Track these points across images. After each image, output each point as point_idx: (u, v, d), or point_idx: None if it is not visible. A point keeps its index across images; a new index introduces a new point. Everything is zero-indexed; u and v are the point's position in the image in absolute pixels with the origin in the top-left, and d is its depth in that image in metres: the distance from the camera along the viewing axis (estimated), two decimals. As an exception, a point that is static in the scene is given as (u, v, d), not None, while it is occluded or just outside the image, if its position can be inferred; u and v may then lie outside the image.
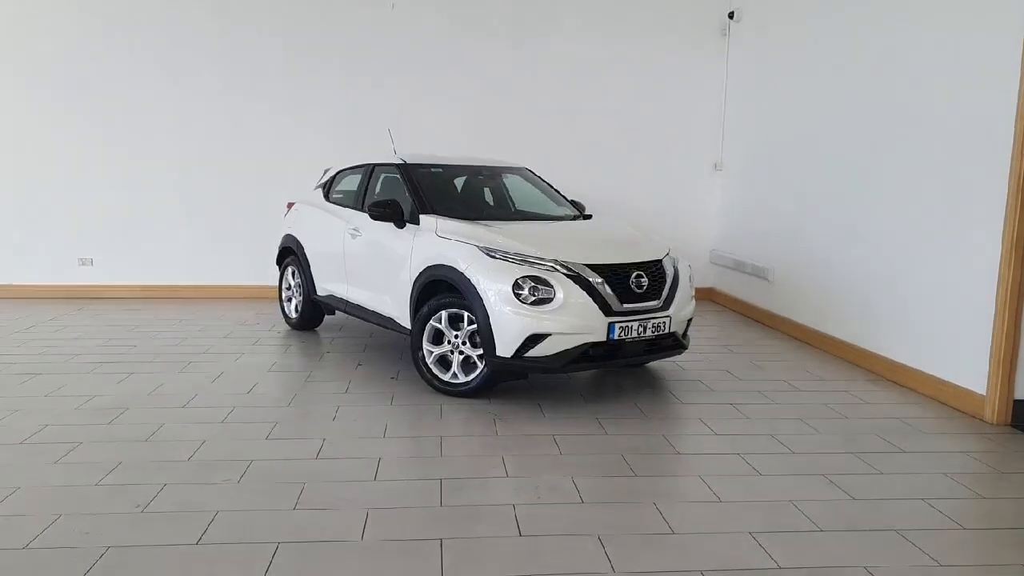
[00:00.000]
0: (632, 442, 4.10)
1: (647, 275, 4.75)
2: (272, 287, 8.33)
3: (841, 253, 6.18)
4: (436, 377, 4.90)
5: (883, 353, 5.59)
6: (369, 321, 5.74)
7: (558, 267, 4.52)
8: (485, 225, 5.01)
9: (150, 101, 8.19)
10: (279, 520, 3.10)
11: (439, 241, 4.94)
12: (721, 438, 4.19)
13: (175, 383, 5.06)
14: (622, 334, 4.55)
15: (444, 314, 4.83)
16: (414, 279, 5.06)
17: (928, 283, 5.11)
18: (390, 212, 5.30)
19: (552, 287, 4.45)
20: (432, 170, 5.78)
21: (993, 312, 4.55)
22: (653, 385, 5.22)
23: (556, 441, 4.08)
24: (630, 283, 4.65)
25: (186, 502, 3.25)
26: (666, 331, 4.80)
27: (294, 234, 6.73)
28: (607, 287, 4.55)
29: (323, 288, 6.35)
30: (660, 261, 4.92)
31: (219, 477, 3.52)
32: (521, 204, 5.96)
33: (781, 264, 7.27)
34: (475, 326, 4.67)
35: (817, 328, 6.54)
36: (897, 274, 5.43)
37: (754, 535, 3.05)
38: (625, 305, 4.59)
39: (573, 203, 6.11)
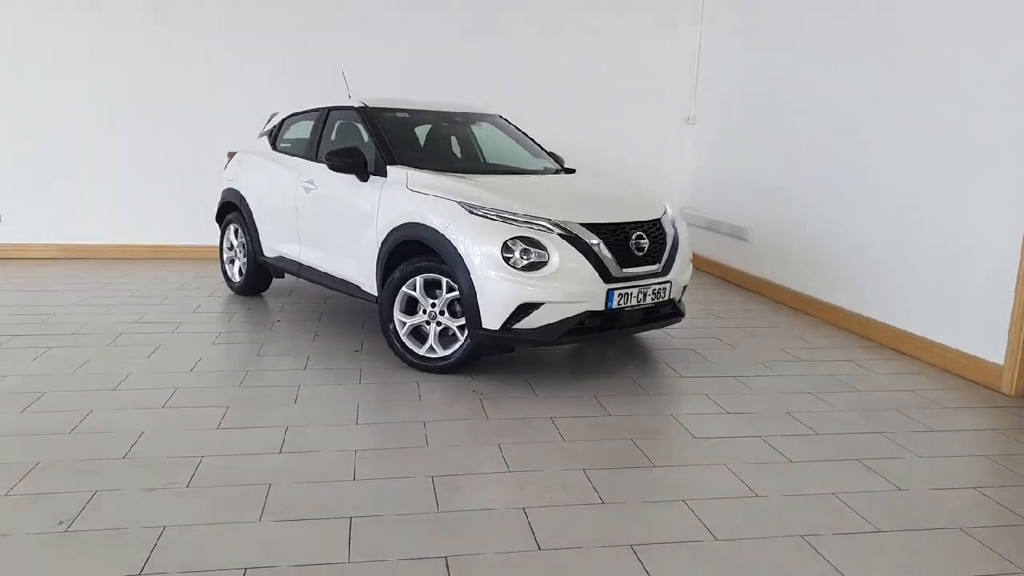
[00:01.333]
0: (640, 424, 3.63)
1: (647, 236, 4.25)
2: (211, 247, 7.57)
3: (833, 212, 5.80)
4: (410, 351, 4.33)
5: (881, 319, 5.26)
6: (326, 286, 5.11)
7: (552, 227, 3.97)
8: (463, 178, 4.42)
9: (65, 29, 7.22)
10: (243, 537, 2.52)
11: (411, 196, 4.33)
12: (735, 418, 3.77)
13: (103, 360, 4.36)
14: (621, 302, 4.06)
15: (419, 280, 4.25)
16: (382, 240, 4.45)
17: (937, 244, 4.77)
18: (352, 162, 4.64)
19: (546, 250, 3.91)
20: (397, 115, 5.12)
21: (1016, 277, 4.22)
22: (643, 356, 4.77)
23: (556, 425, 3.58)
24: (630, 245, 4.15)
25: (123, 515, 2.63)
26: (666, 298, 4.33)
27: (237, 188, 6.00)
28: (605, 249, 4.03)
29: (271, 249, 5.67)
30: (659, 220, 4.43)
31: (163, 480, 2.90)
32: (496, 155, 5.37)
33: (761, 224, 6.88)
34: (455, 294, 4.11)
35: (803, 292, 6.19)
36: (901, 235, 5.08)
37: (808, 540, 2.62)
38: (625, 270, 4.09)
39: (551, 155, 5.56)
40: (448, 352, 4.23)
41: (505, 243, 3.90)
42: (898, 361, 4.85)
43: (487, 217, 3.99)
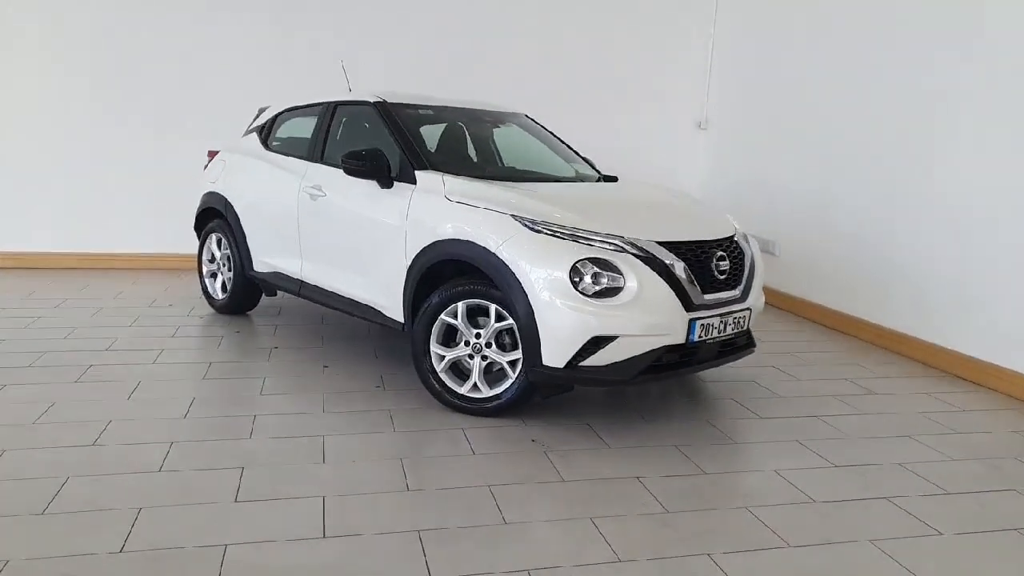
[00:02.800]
0: (745, 485, 3.04)
1: (728, 257, 3.67)
2: (182, 256, 6.78)
3: (885, 225, 5.31)
4: (449, 390, 3.66)
5: (944, 344, 4.78)
6: (335, 308, 4.40)
7: (626, 246, 3.35)
8: (512, 186, 3.78)
9: (10, 12, 6.34)
10: None
11: (451, 207, 3.66)
12: (848, 473, 3.20)
13: (72, 403, 3.58)
14: (702, 334, 3.46)
15: (460, 306, 3.58)
16: (412, 258, 3.78)
17: (1014, 259, 4.29)
18: (373, 166, 3.95)
19: (621, 273, 3.29)
20: (420, 112, 4.44)
21: None
22: (704, 390, 4.19)
23: (647, 488, 2.96)
24: (712, 267, 3.55)
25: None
26: (745, 327, 3.75)
27: (221, 192, 5.23)
28: (687, 273, 3.43)
29: (264, 263, 4.92)
30: (734, 238, 3.84)
31: (177, 586, 2.19)
32: (530, 160, 4.72)
33: (790, 237, 6.38)
34: (505, 323, 3.46)
35: (844, 311, 5.71)
36: (973, 250, 4.59)
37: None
38: (706, 296, 3.49)
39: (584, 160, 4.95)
40: (496, 392, 3.58)
41: (574, 265, 3.26)
42: (980, 394, 4.37)
43: (551, 234, 3.35)
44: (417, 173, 3.91)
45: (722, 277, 3.59)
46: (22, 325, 4.87)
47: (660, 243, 3.43)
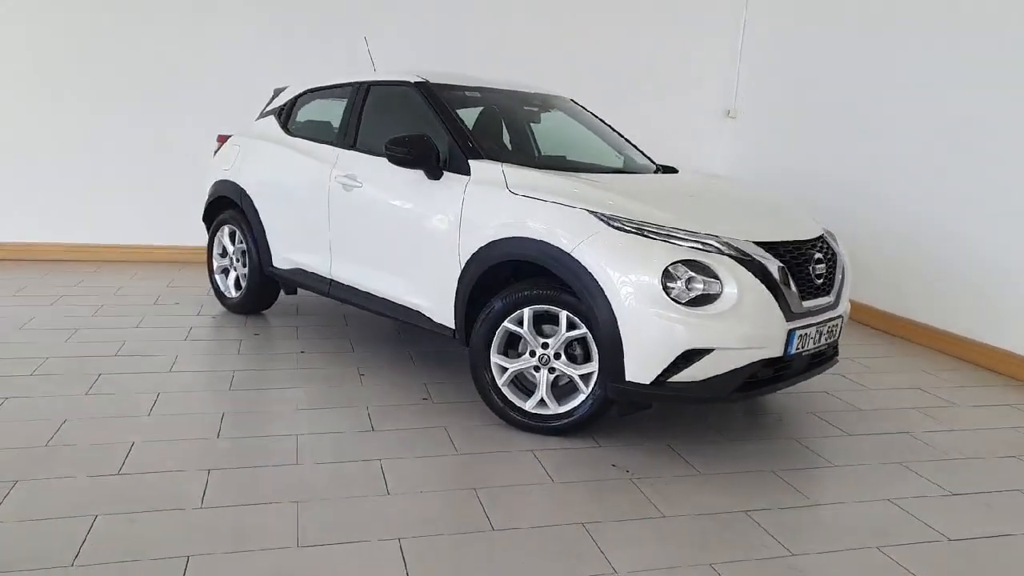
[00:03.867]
0: (864, 516, 2.70)
1: (825, 258, 3.32)
2: (182, 248, 6.35)
3: (940, 220, 5.00)
4: (512, 406, 3.28)
5: (1011, 348, 4.47)
6: (371, 311, 4.00)
7: (722, 247, 2.98)
8: (585, 178, 3.40)
9: (1, -16, 5.83)
10: None
11: (516, 202, 3.26)
12: (968, 502, 2.88)
13: (86, 422, 3.15)
14: (800, 346, 3.11)
15: (527, 312, 3.19)
16: (468, 258, 3.38)
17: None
18: (421, 154, 3.54)
19: (718, 278, 2.91)
20: (467, 94, 4.03)
21: None
22: (776, 401, 3.85)
23: (761, 525, 2.60)
24: (809, 270, 3.20)
25: None
26: (836, 337, 3.41)
27: (235, 181, 4.79)
28: (788, 277, 3.07)
29: (286, 259, 4.50)
30: (823, 238, 3.49)
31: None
32: (585, 149, 4.33)
33: (831, 229, 6.03)
34: (577, 332, 3.08)
35: (894, 311, 5.40)
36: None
37: None
38: (805, 303, 3.14)
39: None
40: (566, 408, 3.20)
41: (666, 269, 2.89)
42: (1066, 406, 4.07)
43: (639, 233, 2.97)
44: (471, 163, 3.51)
45: (819, 281, 3.24)
46: (16, 325, 4.41)
47: (757, 244, 3.07)
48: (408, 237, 3.70)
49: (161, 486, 2.62)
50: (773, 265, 3.03)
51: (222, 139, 5.18)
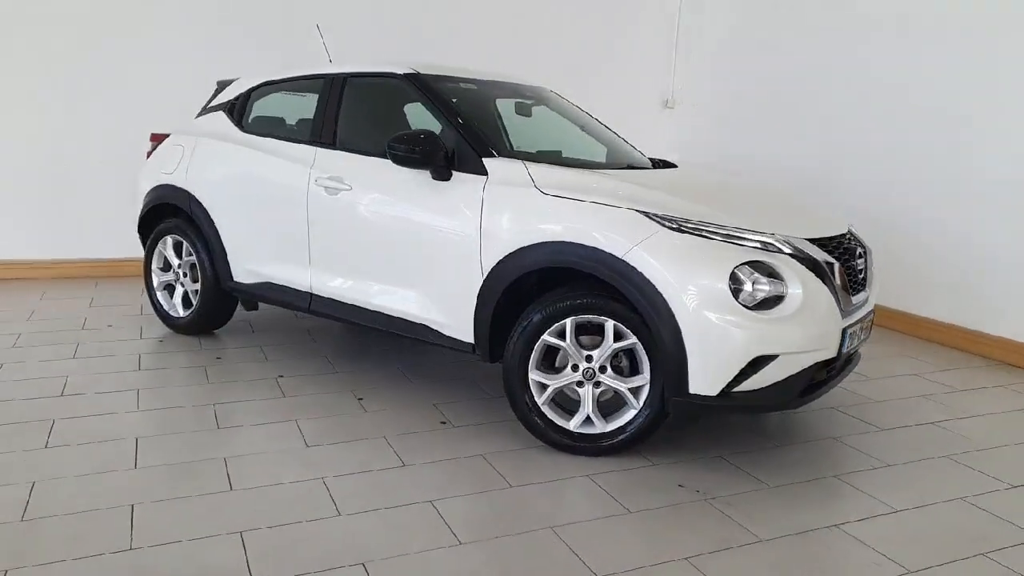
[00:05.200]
0: (960, 525, 2.61)
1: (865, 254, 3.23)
2: (91, 262, 5.65)
3: (876, 205, 5.08)
4: (554, 426, 3.00)
5: (982, 329, 4.61)
6: (361, 326, 3.61)
7: (782, 246, 2.81)
8: (619, 176, 3.16)
9: None
10: None
11: (552, 203, 2.98)
12: (1034, 496, 2.84)
13: (60, 483, 2.63)
14: (849, 344, 3.00)
15: (569, 323, 2.92)
16: (493, 266, 3.07)
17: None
18: (430, 153, 3.18)
19: (782, 280, 2.75)
20: (462, 86, 3.70)
21: None
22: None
23: (862, 541, 2.45)
24: (854, 265, 3.09)
25: None
26: (869, 333, 3.33)
27: (182, 186, 4.24)
28: (843, 274, 2.95)
29: (251, 272, 4.02)
30: (851, 231, 3.41)
31: None
32: (584, 144, 4.07)
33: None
34: (625, 342, 2.84)
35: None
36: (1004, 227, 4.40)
37: None
38: (853, 300, 3.03)
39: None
40: (616, 426, 2.95)
41: (733, 272, 2.69)
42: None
43: (699, 234, 2.76)
44: (487, 161, 3.19)
45: (861, 277, 3.14)
46: (-75, 364, 3.72)
47: (811, 240, 2.92)
48: (412, 245, 3.34)
49: (189, 560, 2.18)
50: (828, 263, 2.89)
51: (157, 138, 4.59)
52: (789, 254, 2.80)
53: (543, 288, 3.07)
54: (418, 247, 3.32)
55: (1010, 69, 4.45)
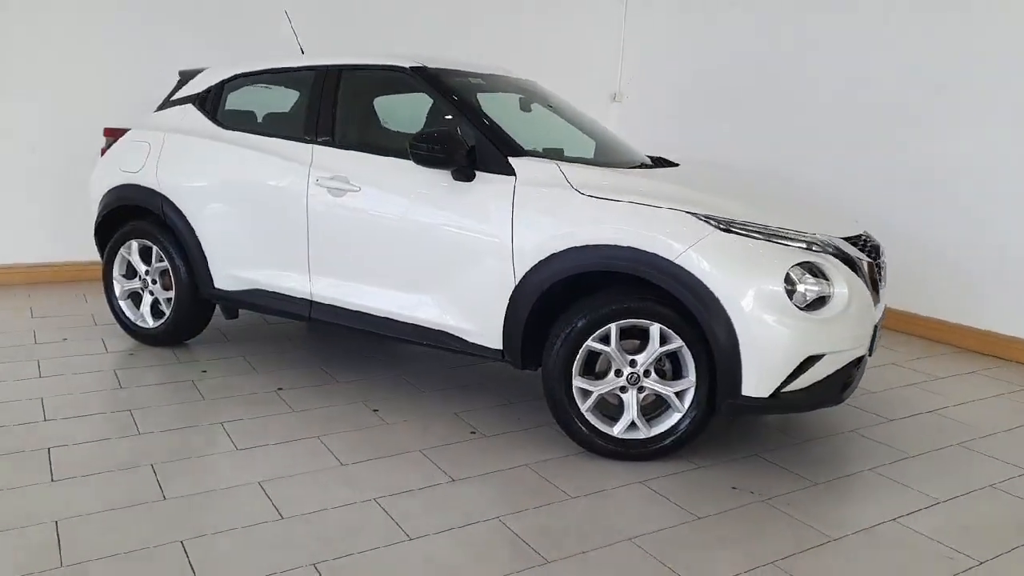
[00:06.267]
0: (1006, 512, 2.71)
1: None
2: (22, 268, 5.16)
3: (860, 202, 5.29)
4: (598, 433, 2.94)
5: (943, 317, 4.87)
6: (368, 332, 3.44)
7: (826, 246, 2.86)
8: (657, 176, 3.12)
9: None
10: None
11: (590, 204, 2.91)
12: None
13: (82, 520, 2.36)
14: (874, 341, 3.08)
15: (614, 328, 2.86)
16: (527, 271, 2.97)
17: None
18: (454, 152, 3.05)
19: (828, 279, 2.79)
20: (471, 81, 3.57)
21: None
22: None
23: (920, 533, 2.52)
24: (880, 264, 3.18)
25: None
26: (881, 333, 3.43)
27: (150, 186, 3.92)
28: (875, 272, 3.03)
29: (235, 278, 3.76)
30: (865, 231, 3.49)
31: None
32: (579, 142, 3.99)
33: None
34: (671, 346, 2.82)
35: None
36: (970, 236, 4.65)
37: None
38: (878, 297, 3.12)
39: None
40: (661, 430, 2.92)
41: (787, 273, 2.71)
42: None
43: (751, 236, 2.75)
44: (514, 161, 3.08)
45: (882, 274, 3.23)
46: None
47: (846, 239, 2.98)
48: (430, 249, 3.19)
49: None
50: (864, 261, 2.95)
51: (112, 133, 4.22)
52: (832, 253, 2.84)
53: (571, 293, 2.99)
54: (437, 251, 3.18)
55: (964, 50, 4.68)
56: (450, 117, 3.32)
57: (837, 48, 5.37)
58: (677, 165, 3.96)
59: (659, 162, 4.00)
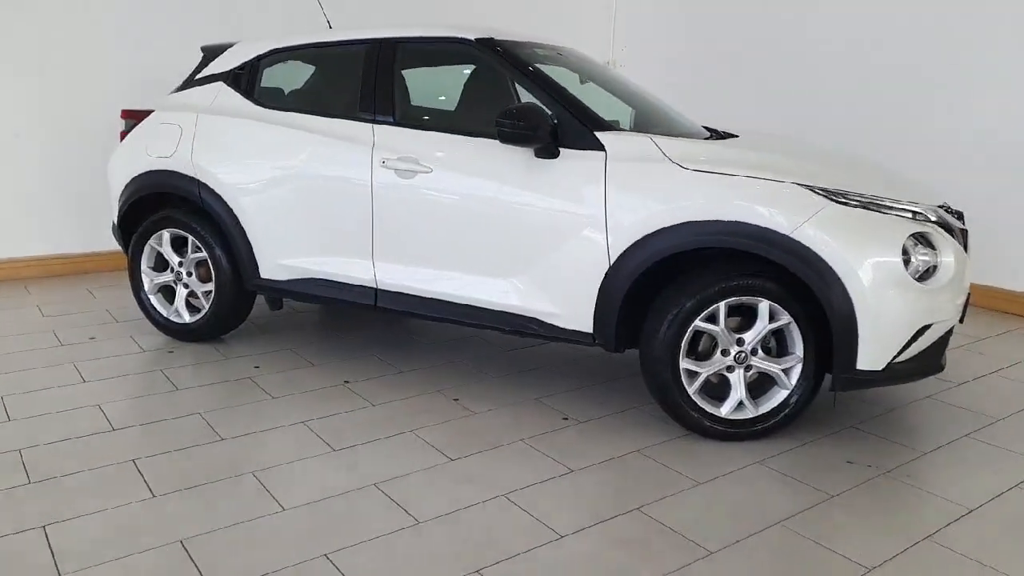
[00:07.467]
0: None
1: (952, 219, 3.33)
2: (25, 261, 4.83)
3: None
4: (707, 414, 2.88)
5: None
6: (442, 321, 3.30)
7: (930, 215, 2.83)
8: (753, 147, 3.04)
9: None
10: None
11: (694, 178, 2.81)
12: None
13: (202, 541, 2.19)
14: (964, 309, 3.09)
15: (722, 307, 2.79)
16: (624, 250, 2.87)
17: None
18: (538, 128, 2.90)
19: (936, 249, 2.77)
20: (539, 52, 3.42)
21: None
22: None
23: (1052, 499, 2.54)
24: (965, 231, 3.17)
25: None
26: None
27: (186, 172, 3.66)
28: (966, 241, 3.02)
29: (286, 267, 3.55)
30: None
31: None
32: (647, 114, 3.84)
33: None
34: (779, 322, 2.77)
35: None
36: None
37: None
38: (965, 264, 3.12)
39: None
40: (768, 408, 2.88)
41: (904, 245, 2.67)
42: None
43: (866, 208, 2.71)
44: (603, 136, 2.96)
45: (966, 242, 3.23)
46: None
47: (943, 208, 2.96)
48: (513, 231, 3.05)
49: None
50: (959, 229, 2.94)
51: (131, 115, 3.93)
52: (936, 222, 2.81)
53: (663, 271, 2.90)
54: (521, 233, 3.04)
55: (970, 27, 4.71)
56: (496, 93, 3.17)
57: (838, 8, 5.35)
58: (736, 136, 3.87)
59: (715, 133, 3.91)
